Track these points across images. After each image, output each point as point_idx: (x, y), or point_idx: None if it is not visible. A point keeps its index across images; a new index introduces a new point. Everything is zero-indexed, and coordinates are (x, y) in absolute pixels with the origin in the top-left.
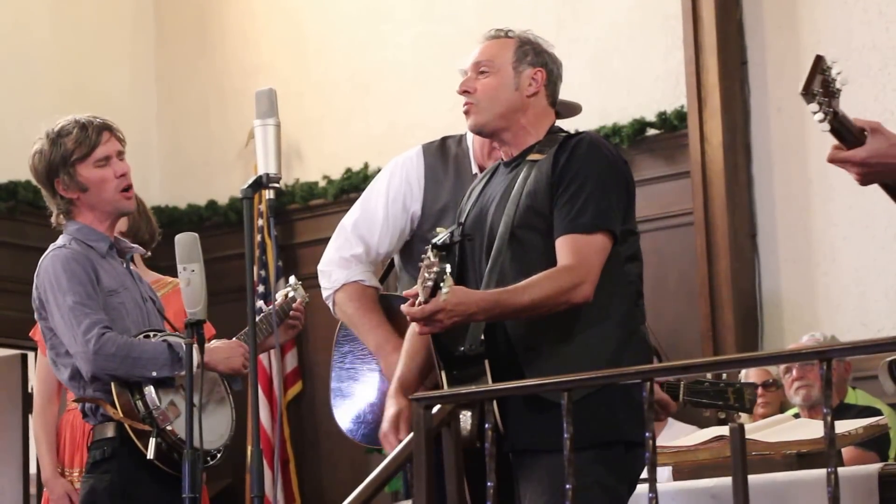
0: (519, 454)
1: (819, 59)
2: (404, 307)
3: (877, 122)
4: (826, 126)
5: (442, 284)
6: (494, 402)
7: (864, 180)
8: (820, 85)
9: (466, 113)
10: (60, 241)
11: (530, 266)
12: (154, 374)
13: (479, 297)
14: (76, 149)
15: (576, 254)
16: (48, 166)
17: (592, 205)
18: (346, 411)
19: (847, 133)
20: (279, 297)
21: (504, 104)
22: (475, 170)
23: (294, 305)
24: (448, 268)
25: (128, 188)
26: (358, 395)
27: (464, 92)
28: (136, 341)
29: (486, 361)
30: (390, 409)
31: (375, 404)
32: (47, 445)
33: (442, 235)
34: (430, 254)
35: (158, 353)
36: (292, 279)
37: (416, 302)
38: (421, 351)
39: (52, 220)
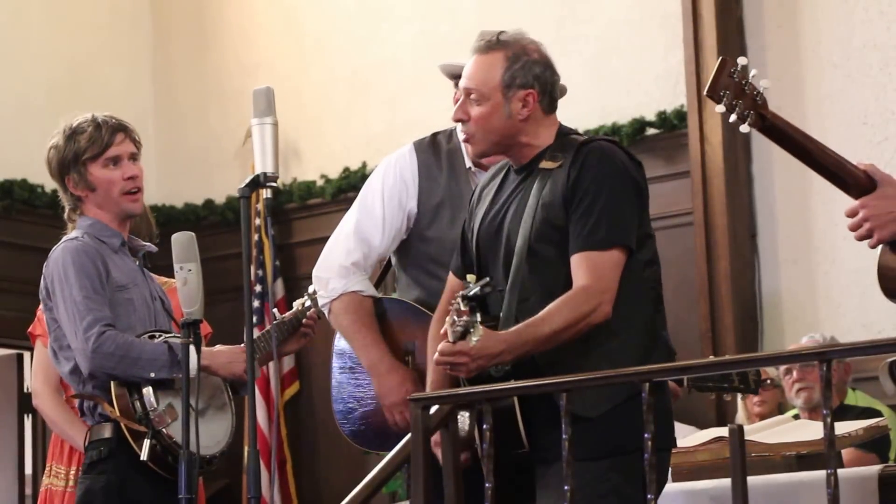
0: (543, 464)
1: (724, 62)
2: (437, 353)
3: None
4: (745, 127)
5: (472, 330)
6: (518, 413)
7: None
8: (729, 87)
9: (465, 142)
10: (73, 233)
11: (548, 280)
12: (152, 375)
13: (503, 337)
14: (89, 147)
15: (592, 272)
16: (61, 162)
17: (606, 219)
18: (348, 417)
19: (787, 137)
20: (296, 305)
21: (498, 132)
22: (468, 164)
23: (308, 314)
24: (479, 317)
25: (135, 191)
26: (358, 401)
27: (458, 120)
28: (136, 341)
29: (513, 382)
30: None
31: (376, 407)
32: (69, 423)
33: (472, 288)
34: (460, 303)
35: (158, 354)
36: (311, 287)
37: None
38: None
39: (65, 215)
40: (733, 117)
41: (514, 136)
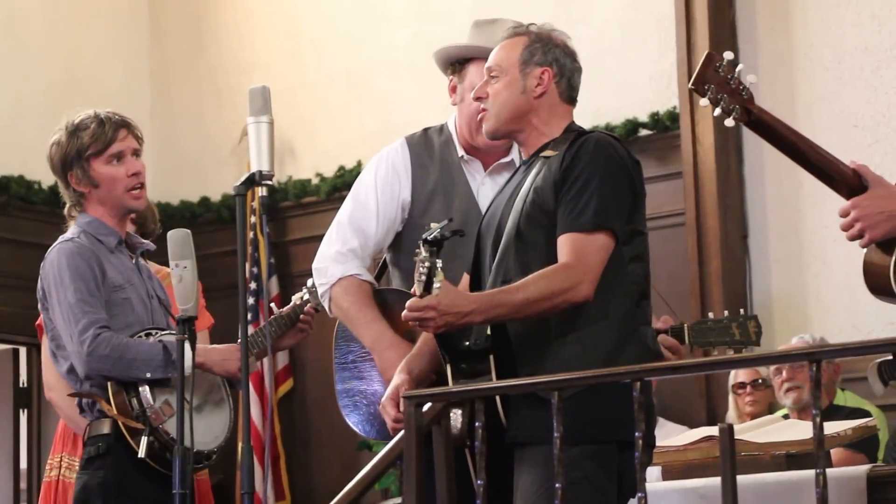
0: (520, 446)
1: (710, 56)
2: (406, 309)
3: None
4: (731, 121)
5: (434, 279)
6: (497, 396)
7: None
8: (714, 81)
9: (481, 120)
10: (70, 233)
11: (533, 263)
12: (148, 375)
13: (474, 297)
14: (91, 144)
15: (575, 253)
16: (64, 158)
17: (594, 203)
18: (356, 412)
19: (775, 133)
20: (294, 299)
21: (512, 108)
22: (461, 152)
23: (306, 309)
24: (439, 262)
25: (139, 187)
26: (365, 394)
27: (477, 98)
28: (131, 342)
29: (492, 357)
30: (393, 382)
31: (378, 398)
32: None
33: (433, 230)
34: (421, 249)
35: (153, 354)
36: (310, 282)
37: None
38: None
39: (65, 211)
40: (718, 111)
41: (526, 114)
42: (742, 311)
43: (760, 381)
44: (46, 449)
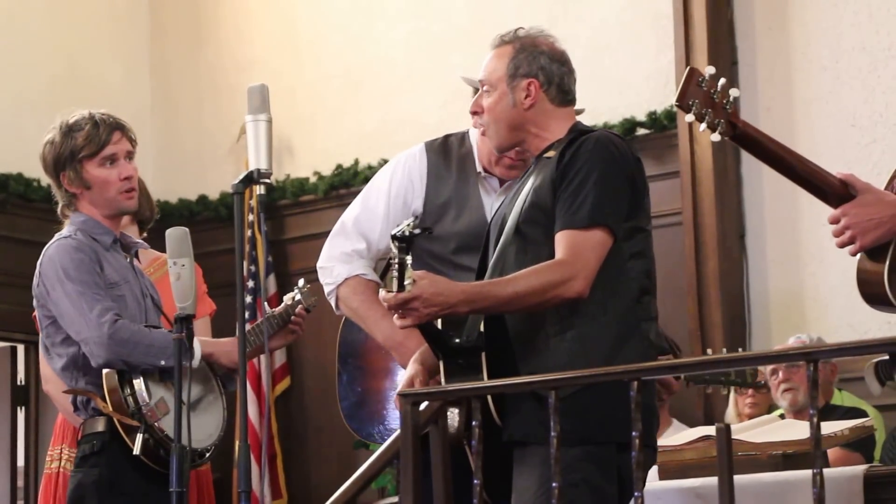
0: (519, 446)
1: (691, 71)
2: (381, 293)
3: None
4: (717, 136)
5: (405, 275)
6: (489, 396)
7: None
8: (698, 96)
9: (482, 135)
10: (66, 230)
11: (531, 261)
12: (163, 362)
13: (461, 288)
14: (85, 146)
15: (570, 249)
16: (57, 158)
17: (591, 200)
18: (360, 412)
19: (760, 146)
20: (285, 299)
21: (507, 122)
22: (479, 168)
23: (297, 311)
24: (408, 259)
25: (130, 191)
26: (368, 394)
27: (473, 113)
28: (145, 330)
29: (483, 354)
30: (407, 372)
31: (389, 404)
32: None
33: (401, 226)
34: (392, 245)
35: (167, 342)
36: (301, 282)
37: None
38: None
39: (58, 210)
40: (703, 126)
41: (522, 125)
42: (740, 349)
43: (763, 382)
44: (44, 447)
